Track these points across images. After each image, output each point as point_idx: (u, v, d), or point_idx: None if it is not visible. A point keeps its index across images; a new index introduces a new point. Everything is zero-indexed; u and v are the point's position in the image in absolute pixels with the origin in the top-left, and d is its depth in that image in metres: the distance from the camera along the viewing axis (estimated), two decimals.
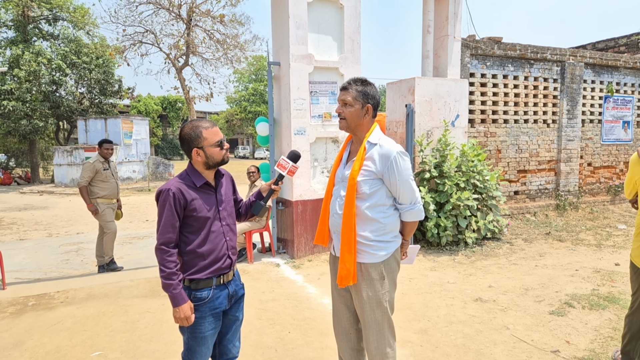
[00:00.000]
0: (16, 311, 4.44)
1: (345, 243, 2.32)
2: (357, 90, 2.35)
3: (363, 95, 2.35)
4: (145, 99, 39.59)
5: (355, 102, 2.35)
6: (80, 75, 23.64)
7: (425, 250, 6.41)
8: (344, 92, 2.37)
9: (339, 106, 2.41)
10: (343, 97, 2.37)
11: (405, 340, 3.67)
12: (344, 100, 2.37)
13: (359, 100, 2.34)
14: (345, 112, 2.37)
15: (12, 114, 21.51)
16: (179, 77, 21.03)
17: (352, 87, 2.36)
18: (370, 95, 2.37)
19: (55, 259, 7.18)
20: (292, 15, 5.81)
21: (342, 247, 2.34)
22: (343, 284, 2.35)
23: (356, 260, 2.34)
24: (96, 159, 5.97)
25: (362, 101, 2.35)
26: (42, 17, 23.67)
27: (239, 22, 20.69)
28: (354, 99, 2.35)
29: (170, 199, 2.16)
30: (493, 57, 8.01)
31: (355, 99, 2.35)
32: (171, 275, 2.13)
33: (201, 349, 2.26)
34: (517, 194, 8.51)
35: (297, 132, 5.96)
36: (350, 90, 2.35)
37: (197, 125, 2.25)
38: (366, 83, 2.39)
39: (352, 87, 2.36)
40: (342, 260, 2.34)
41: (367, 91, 2.36)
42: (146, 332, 3.89)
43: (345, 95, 2.36)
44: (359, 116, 2.36)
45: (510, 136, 8.30)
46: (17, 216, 12.66)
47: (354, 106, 2.35)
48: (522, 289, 4.84)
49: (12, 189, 21.89)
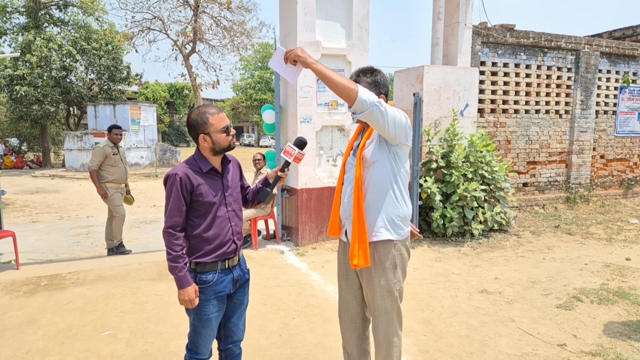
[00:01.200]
0: (29, 290, 4.55)
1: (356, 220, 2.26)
2: (368, 82, 2.30)
3: (375, 86, 2.30)
4: (153, 85, 39.68)
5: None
6: (90, 62, 23.75)
7: (431, 240, 6.37)
8: None
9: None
10: None
11: (409, 329, 3.65)
12: None
13: (372, 91, 2.28)
14: None
15: (24, 99, 21.77)
16: (186, 64, 21.01)
17: (362, 79, 2.30)
18: (382, 84, 2.33)
19: (67, 241, 7.33)
20: (301, 2, 5.72)
21: (353, 221, 2.28)
22: (353, 264, 2.29)
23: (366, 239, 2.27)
24: (106, 144, 6.03)
25: (375, 92, 2.29)
26: (52, 3, 23.74)
27: (246, 9, 20.58)
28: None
29: (177, 184, 2.19)
30: (505, 45, 7.86)
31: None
32: (177, 258, 2.18)
33: (206, 330, 2.31)
34: (526, 185, 8.40)
35: (303, 120, 5.91)
36: (362, 83, 2.29)
37: (204, 112, 2.26)
38: (374, 72, 2.34)
39: (362, 79, 2.30)
40: (354, 239, 2.28)
41: (377, 81, 2.31)
42: (154, 313, 3.97)
43: None
44: None
45: (521, 127, 8.17)
46: (29, 199, 12.88)
47: None
48: (529, 281, 4.79)
49: (25, 172, 22.22)
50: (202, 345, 2.34)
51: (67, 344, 3.42)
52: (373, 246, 2.33)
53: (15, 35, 23.91)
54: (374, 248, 2.33)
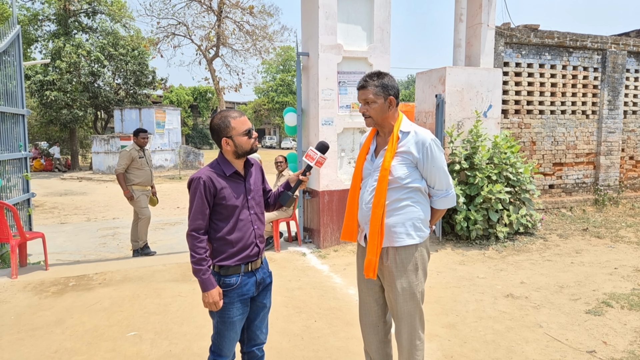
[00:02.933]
0: (58, 291, 4.67)
1: (373, 233, 2.31)
2: (376, 86, 2.32)
3: (383, 89, 2.32)
4: (177, 89, 40.44)
5: (377, 97, 2.32)
6: (117, 67, 24.38)
7: (454, 243, 6.28)
8: (364, 91, 2.35)
9: (362, 106, 2.38)
10: (364, 96, 2.35)
11: (433, 334, 3.61)
12: (365, 99, 2.34)
13: (380, 94, 2.32)
14: (369, 110, 2.35)
15: (54, 103, 22.49)
16: (210, 68, 21.32)
17: (369, 83, 2.33)
18: (390, 86, 2.34)
19: (94, 242, 7.53)
20: (322, 5, 5.75)
21: (369, 237, 2.34)
22: (367, 275, 2.35)
23: (379, 252, 2.32)
24: (132, 147, 6.17)
25: (383, 95, 2.33)
26: (81, 11, 24.47)
27: (268, 13, 20.82)
28: (375, 95, 2.32)
29: (201, 187, 2.21)
30: (529, 46, 7.71)
31: (376, 95, 2.32)
32: (201, 260, 2.20)
33: (230, 333, 2.33)
34: (552, 187, 8.21)
35: (325, 122, 5.93)
36: (369, 87, 2.33)
37: (226, 115, 2.30)
38: (382, 75, 2.36)
39: (370, 83, 2.33)
40: (369, 250, 2.34)
41: (385, 83, 2.33)
42: (178, 314, 4.02)
43: (366, 94, 2.33)
44: (384, 110, 2.35)
45: (546, 127, 8.00)
46: (58, 201, 13.27)
47: (376, 102, 2.33)
48: (557, 286, 4.68)
49: (53, 175, 22.91)
50: (225, 348, 2.35)
51: (94, 344, 3.49)
52: (394, 250, 2.34)
53: (45, 42, 24.75)
54: (395, 252, 2.34)
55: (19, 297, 4.48)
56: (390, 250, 2.34)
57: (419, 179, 2.35)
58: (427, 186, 2.39)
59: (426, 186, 2.39)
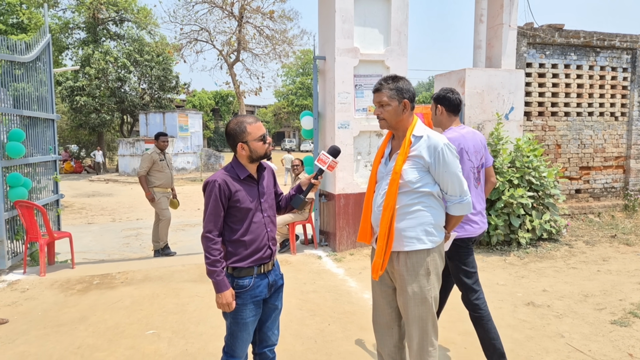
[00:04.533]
0: (83, 289, 4.84)
1: (381, 236, 2.32)
2: (390, 89, 2.34)
3: (397, 92, 2.34)
4: (199, 93, 41.19)
5: (392, 100, 2.34)
6: (142, 72, 25.06)
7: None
8: (378, 94, 2.37)
9: (376, 108, 2.40)
10: (378, 98, 2.37)
11: (449, 340, 3.55)
12: (379, 101, 2.37)
13: (395, 97, 2.34)
14: (383, 113, 2.37)
15: (84, 108, 23.34)
16: (231, 73, 21.63)
17: (384, 87, 2.36)
18: (405, 90, 2.35)
19: (118, 242, 7.76)
20: (339, 10, 5.75)
21: (377, 239, 2.35)
22: (373, 276, 2.38)
23: (387, 255, 2.33)
24: (153, 151, 6.31)
25: (398, 98, 2.34)
26: (109, 19, 25.26)
27: (288, 18, 20.96)
28: (390, 98, 2.34)
29: (216, 190, 2.27)
30: (553, 46, 7.52)
31: (390, 98, 2.34)
32: (215, 262, 2.25)
33: (242, 334, 2.36)
34: (578, 192, 7.97)
35: (341, 125, 5.92)
36: (384, 90, 2.35)
37: (242, 121, 2.34)
38: (397, 79, 2.38)
39: (385, 86, 2.35)
40: (376, 253, 2.35)
41: (400, 87, 2.35)
42: (195, 314, 4.09)
43: (380, 97, 2.36)
44: (398, 113, 2.36)
45: (572, 130, 7.77)
46: (86, 202, 13.70)
47: (390, 105, 2.34)
48: (581, 295, 4.52)
49: (82, 177, 23.68)
50: (238, 349, 2.39)
51: (115, 341, 3.59)
52: (405, 254, 2.33)
53: (76, 49, 25.66)
54: (406, 256, 2.33)
55: (46, 294, 4.66)
56: (401, 255, 2.33)
57: (431, 184, 2.32)
58: (440, 191, 2.37)
59: (439, 191, 2.36)
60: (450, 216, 2.43)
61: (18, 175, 5.38)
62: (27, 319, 4.05)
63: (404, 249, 2.32)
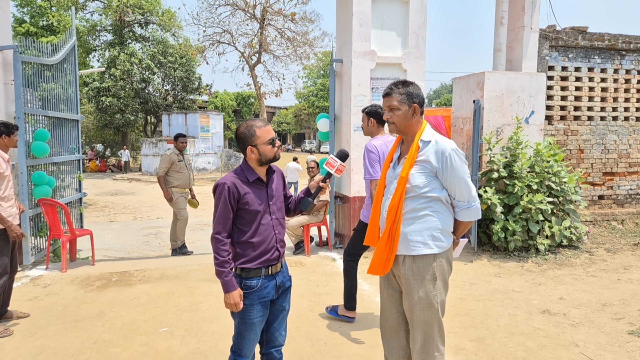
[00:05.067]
0: (102, 285, 4.97)
1: (384, 236, 2.34)
2: (401, 93, 2.36)
3: (407, 97, 2.36)
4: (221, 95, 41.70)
5: (401, 104, 2.36)
6: (166, 74, 25.56)
7: (491, 254, 6.08)
8: (388, 98, 2.39)
9: (386, 112, 2.43)
10: (388, 103, 2.39)
11: (459, 347, 3.52)
12: (389, 106, 2.39)
13: (405, 102, 2.36)
14: (393, 117, 2.39)
15: (109, 108, 23.95)
16: (252, 74, 21.87)
17: (394, 91, 2.38)
18: (415, 95, 2.37)
19: (138, 241, 7.92)
20: (356, 12, 5.77)
21: (381, 239, 2.36)
22: (371, 271, 2.41)
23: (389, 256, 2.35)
24: (172, 151, 6.44)
25: (407, 102, 2.36)
26: (135, 21, 25.85)
27: (309, 20, 21.11)
28: (400, 102, 2.36)
29: (226, 192, 2.30)
30: (576, 49, 7.35)
31: (400, 102, 2.36)
32: (224, 263, 2.29)
33: (249, 334, 2.40)
34: (601, 198, 7.76)
35: (357, 128, 5.93)
36: (394, 95, 2.37)
37: (252, 125, 2.38)
38: (407, 84, 2.39)
39: (395, 91, 2.37)
40: (378, 250, 2.37)
41: (410, 91, 2.36)
42: (208, 313, 4.15)
43: (390, 101, 2.38)
44: (407, 118, 2.38)
45: (595, 135, 7.58)
46: (109, 200, 14.04)
47: (400, 109, 2.36)
48: (599, 303, 4.42)
49: (107, 175, 24.26)
50: (245, 348, 2.42)
51: (130, 337, 3.68)
52: (412, 259, 2.33)
53: (102, 51, 26.35)
54: (412, 260, 2.33)
55: (67, 290, 4.81)
56: (408, 259, 2.34)
57: (438, 189, 2.33)
58: (448, 196, 2.36)
59: (447, 196, 2.36)
60: (459, 222, 2.42)
61: (42, 174, 5.55)
62: (47, 313, 4.18)
63: (410, 253, 2.32)
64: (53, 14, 24.47)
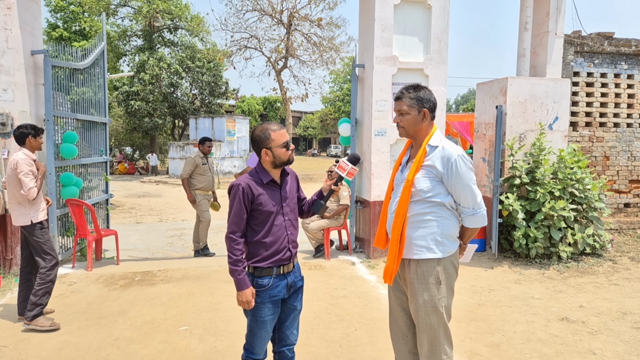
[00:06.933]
0: (125, 284, 5.12)
1: (393, 242, 2.37)
2: (411, 98, 2.38)
3: (417, 101, 2.37)
4: (248, 99, 42.18)
5: (411, 109, 2.38)
6: (194, 78, 26.07)
7: (512, 261, 6.01)
8: (399, 102, 2.41)
9: (396, 116, 2.45)
10: (398, 107, 2.42)
11: (474, 352, 3.52)
12: (399, 110, 2.41)
13: (415, 106, 2.37)
14: (403, 121, 2.41)
15: (138, 112, 24.54)
16: (278, 79, 22.07)
17: (405, 95, 2.39)
18: (425, 99, 2.38)
19: (162, 242, 8.10)
20: (378, 18, 5.83)
21: (390, 245, 2.40)
22: (385, 279, 2.43)
23: (399, 261, 2.38)
24: (196, 155, 6.59)
25: (417, 107, 2.37)
26: (164, 27, 26.48)
27: (336, 25, 21.13)
28: (409, 107, 2.38)
29: (240, 193, 2.38)
30: (602, 55, 7.21)
31: (410, 107, 2.38)
32: (237, 262, 2.37)
33: (261, 332, 2.47)
34: (627, 206, 7.56)
35: (378, 133, 5.97)
36: (404, 99, 2.39)
37: (267, 128, 2.45)
38: (419, 88, 2.41)
39: (405, 95, 2.39)
40: (388, 258, 2.40)
41: (421, 96, 2.38)
42: (227, 313, 4.24)
43: (400, 105, 2.40)
44: (417, 122, 2.40)
45: (622, 142, 7.40)
46: (136, 202, 14.39)
47: (410, 113, 2.39)
48: (620, 312, 4.34)
49: (135, 178, 24.84)
50: (257, 346, 2.50)
51: (150, 335, 3.79)
52: (416, 262, 2.37)
53: (132, 55, 27.08)
54: (417, 264, 2.36)
55: (91, 288, 4.98)
56: (412, 263, 2.37)
57: (443, 194, 2.35)
58: (453, 202, 2.38)
59: (452, 202, 2.37)
60: (465, 228, 2.44)
61: (70, 175, 5.73)
62: (71, 310, 4.34)
63: (414, 257, 2.36)
64: (85, 19, 25.27)
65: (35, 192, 3.91)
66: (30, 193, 3.87)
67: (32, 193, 3.88)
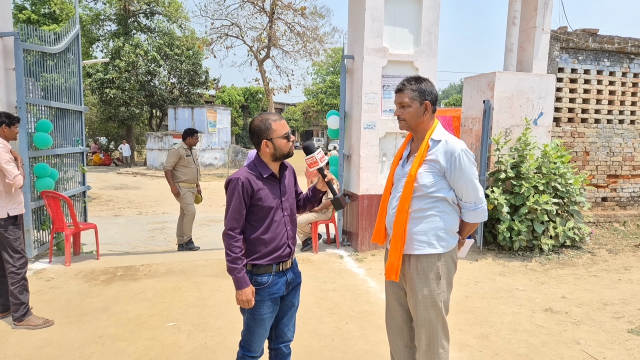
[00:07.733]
0: (107, 279, 4.95)
1: (395, 238, 2.33)
2: (413, 90, 2.32)
3: (419, 93, 2.32)
4: (229, 89, 41.48)
5: (413, 101, 2.32)
6: (172, 67, 25.34)
7: (496, 254, 6.11)
8: (400, 94, 2.35)
9: (397, 109, 2.39)
10: (399, 99, 2.36)
11: (464, 343, 3.56)
12: (401, 102, 2.35)
13: (416, 99, 2.32)
14: (404, 114, 2.35)
15: (113, 101, 23.65)
16: (260, 69, 21.76)
17: (406, 87, 2.34)
18: (427, 92, 2.33)
19: (143, 235, 7.88)
20: (369, 8, 5.76)
21: (391, 241, 2.36)
22: (388, 277, 2.39)
23: (401, 257, 2.34)
24: (180, 146, 6.38)
25: (419, 99, 2.32)
26: (140, 11, 25.65)
27: (320, 15, 20.93)
28: (411, 99, 2.32)
29: (239, 188, 2.27)
30: (587, 51, 7.35)
31: (412, 99, 2.32)
32: (236, 259, 2.27)
33: (259, 330, 2.40)
34: (605, 200, 7.79)
35: (367, 126, 5.95)
36: (406, 91, 2.33)
37: (267, 118, 2.34)
38: (420, 80, 2.35)
39: (407, 87, 2.33)
40: (391, 253, 2.36)
41: (422, 88, 2.32)
42: (215, 308, 4.16)
43: (402, 97, 2.34)
44: (419, 115, 2.34)
45: (601, 137, 7.59)
46: (113, 194, 13.99)
47: (411, 106, 2.33)
48: (600, 303, 4.46)
49: (111, 169, 24.17)
50: (254, 344, 2.43)
51: (136, 332, 3.68)
52: (416, 258, 2.34)
53: (106, 41, 26.13)
54: (417, 259, 2.34)
55: (71, 284, 4.78)
56: (412, 258, 2.35)
57: (445, 189, 2.32)
58: (455, 197, 2.36)
59: (454, 197, 2.35)
60: (465, 223, 2.42)
61: (45, 166, 5.45)
62: (51, 307, 4.15)
63: (414, 252, 2.33)
64: (55, 1, 24.18)
65: (22, 179, 3.72)
66: (17, 180, 3.67)
67: (18, 180, 3.68)
